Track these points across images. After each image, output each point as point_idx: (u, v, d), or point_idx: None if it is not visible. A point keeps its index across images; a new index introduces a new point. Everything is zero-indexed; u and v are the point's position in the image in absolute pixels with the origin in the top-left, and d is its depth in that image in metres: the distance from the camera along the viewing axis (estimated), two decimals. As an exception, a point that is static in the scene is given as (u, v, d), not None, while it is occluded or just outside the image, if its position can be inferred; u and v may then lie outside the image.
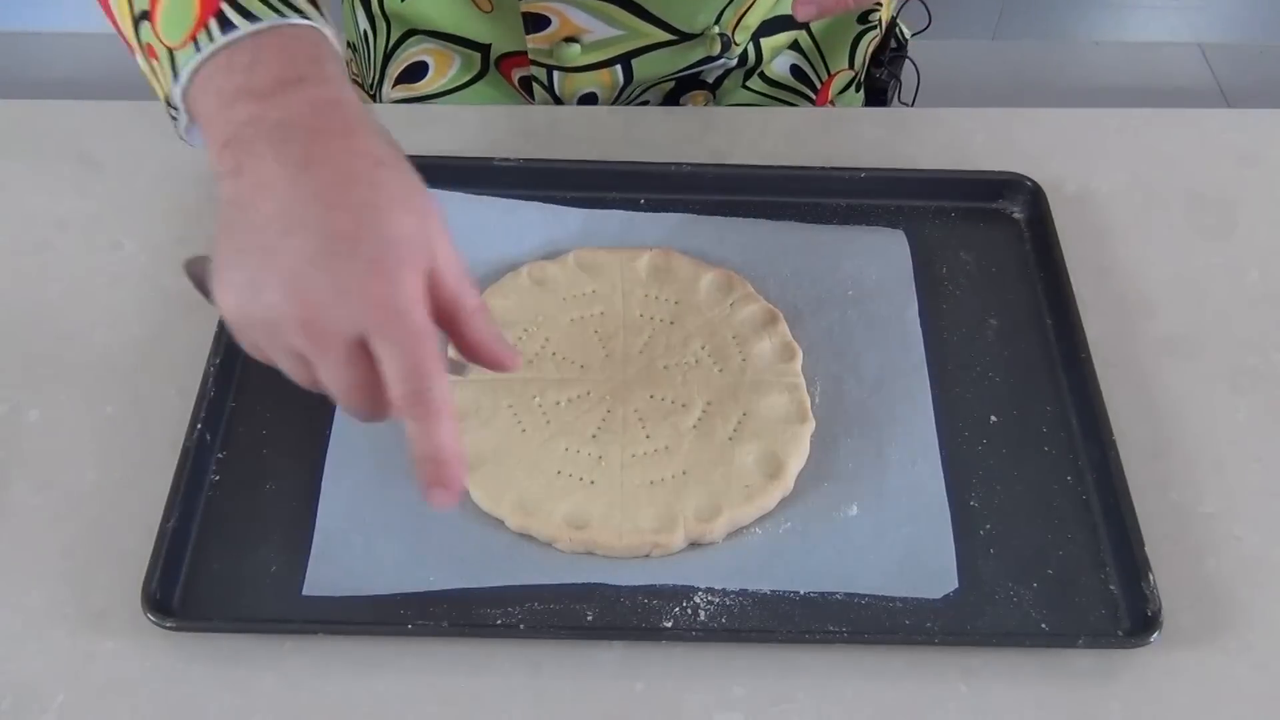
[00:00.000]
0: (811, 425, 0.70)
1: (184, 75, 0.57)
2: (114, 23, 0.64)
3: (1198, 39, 2.33)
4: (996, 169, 0.82)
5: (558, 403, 0.70)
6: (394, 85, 0.97)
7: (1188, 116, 0.91)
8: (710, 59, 0.93)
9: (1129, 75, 2.25)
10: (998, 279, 0.79)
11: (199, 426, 0.68)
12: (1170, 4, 2.33)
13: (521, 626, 0.62)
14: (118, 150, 0.85)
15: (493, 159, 0.81)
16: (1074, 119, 0.90)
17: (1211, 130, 0.90)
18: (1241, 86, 2.24)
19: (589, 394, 0.71)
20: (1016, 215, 0.82)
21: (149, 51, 0.60)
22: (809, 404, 0.71)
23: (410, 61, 0.95)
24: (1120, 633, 0.63)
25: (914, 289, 0.77)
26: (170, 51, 0.58)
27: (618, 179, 0.81)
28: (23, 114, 0.88)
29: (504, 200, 0.80)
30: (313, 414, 0.70)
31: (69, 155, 0.85)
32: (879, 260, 0.78)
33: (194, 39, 0.57)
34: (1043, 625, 0.63)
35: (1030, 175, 0.82)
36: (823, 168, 0.83)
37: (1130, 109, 0.91)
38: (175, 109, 0.60)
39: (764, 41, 0.96)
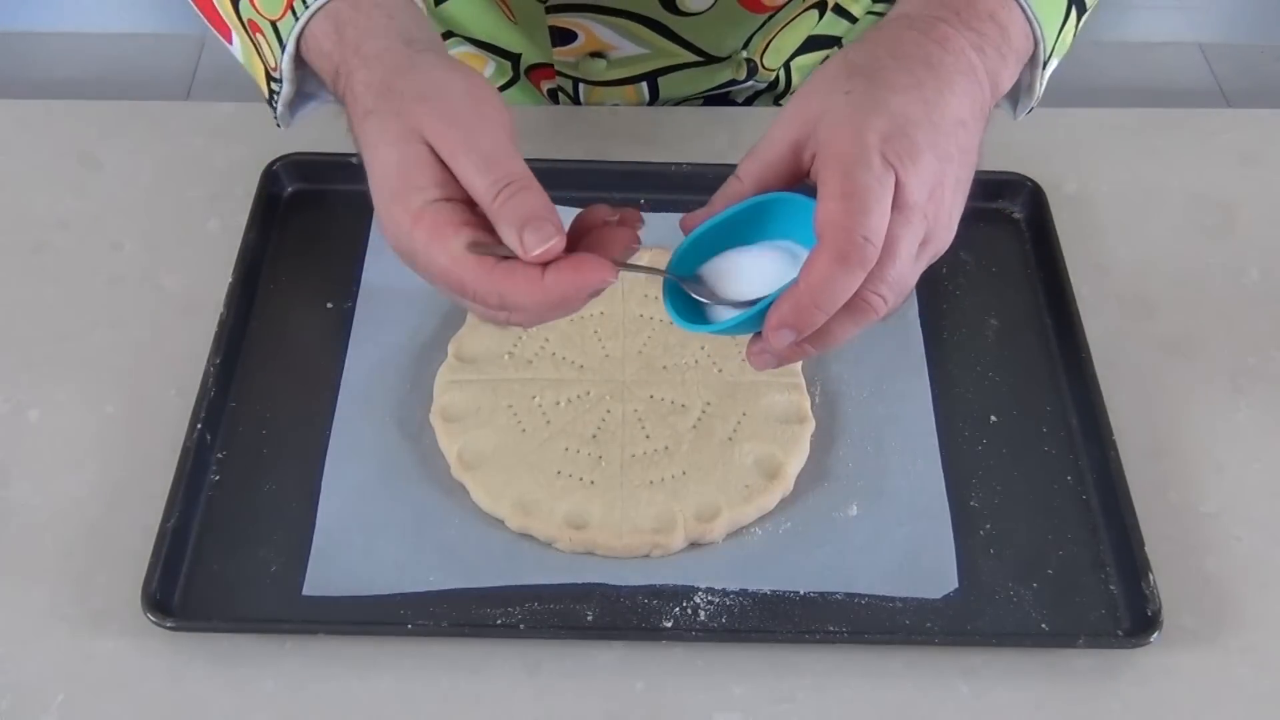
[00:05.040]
0: (811, 425, 0.70)
1: (290, 41, 0.63)
2: (208, 10, 0.69)
3: (1198, 39, 2.33)
4: (996, 169, 0.82)
5: (558, 403, 0.70)
6: None
7: (1188, 116, 0.91)
8: (736, 81, 0.93)
9: (1129, 75, 2.24)
10: (998, 279, 0.79)
11: (199, 426, 0.68)
12: (1170, 4, 2.32)
13: (521, 626, 0.62)
14: (118, 150, 0.85)
15: (493, 159, 0.81)
16: (1074, 119, 0.89)
17: (1211, 130, 0.90)
18: (1241, 86, 2.24)
19: (589, 394, 0.71)
20: (1016, 215, 0.82)
21: (252, 28, 0.65)
22: (809, 404, 0.71)
23: None
24: (1120, 633, 0.63)
25: (914, 289, 0.77)
26: (273, 24, 0.63)
27: (618, 179, 0.81)
28: (23, 114, 0.88)
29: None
30: (313, 415, 0.70)
31: (69, 155, 0.85)
32: (879, 260, 0.78)
33: (291, 8, 0.63)
34: (1043, 625, 0.63)
35: (1030, 175, 0.82)
36: (823, 168, 0.82)
37: (1130, 109, 0.91)
38: (278, 83, 0.65)
39: (793, 64, 0.96)
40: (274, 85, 0.65)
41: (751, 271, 0.59)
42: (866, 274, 0.54)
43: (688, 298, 0.60)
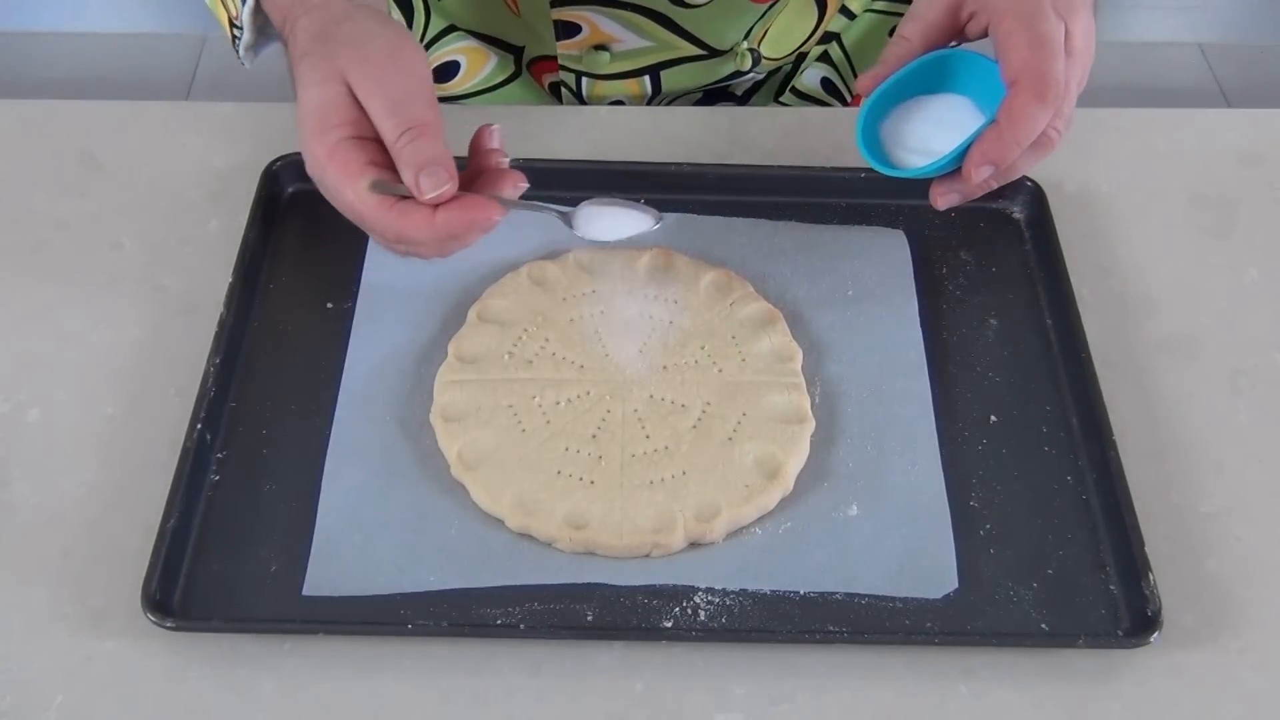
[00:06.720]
0: (811, 425, 0.70)
1: None
2: None
3: (1198, 39, 2.33)
4: (996, 169, 0.82)
5: (557, 403, 0.70)
6: None
7: (1188, 116, 0.91)
8: (740, 73, 0.93)
9: (1129, 75, 2.24)
10: (998, 279, 0.79)
11: (199, 426, 0.68)
12: (1170, 4, 2.32)
13: (521, 626, 0.62)
14: (118, 150, 0.85)
15: (493, 159, 0.81)
16: (1074, 119, 0.89)
17: (1211, 130, 0.90)
18: (1241, 86, 2.24)
19: (589, 394, 0.71)
20: (1016, 215, 0.82)
21: None
22: (809, 404, 0.71)
23: (441, 61, 0.95)
24: (1120, 633, 0.63)
25: (914, 289, 0.77)
26: None
27: (618, 179, 0.81)
28: (23, 114, 0.88)
29: (504, 200, 0.80)
30: (313, 414, 0.70)
31: (69, 155, 0.85)
32: (879, 260, 0.78)
33: None
34: (1043, 625, 0.63)
35: (1030, 175, 0.82)
36: (823, 168, 0.82)
37: (1130, 109, 0.91)
38: (239, 29, 0.72)
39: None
40: (235, 31, 0.72)
41: (932, 122, 0.69)
42: (1055, 111, 0.64)
43: (878, 147, 0.70)
